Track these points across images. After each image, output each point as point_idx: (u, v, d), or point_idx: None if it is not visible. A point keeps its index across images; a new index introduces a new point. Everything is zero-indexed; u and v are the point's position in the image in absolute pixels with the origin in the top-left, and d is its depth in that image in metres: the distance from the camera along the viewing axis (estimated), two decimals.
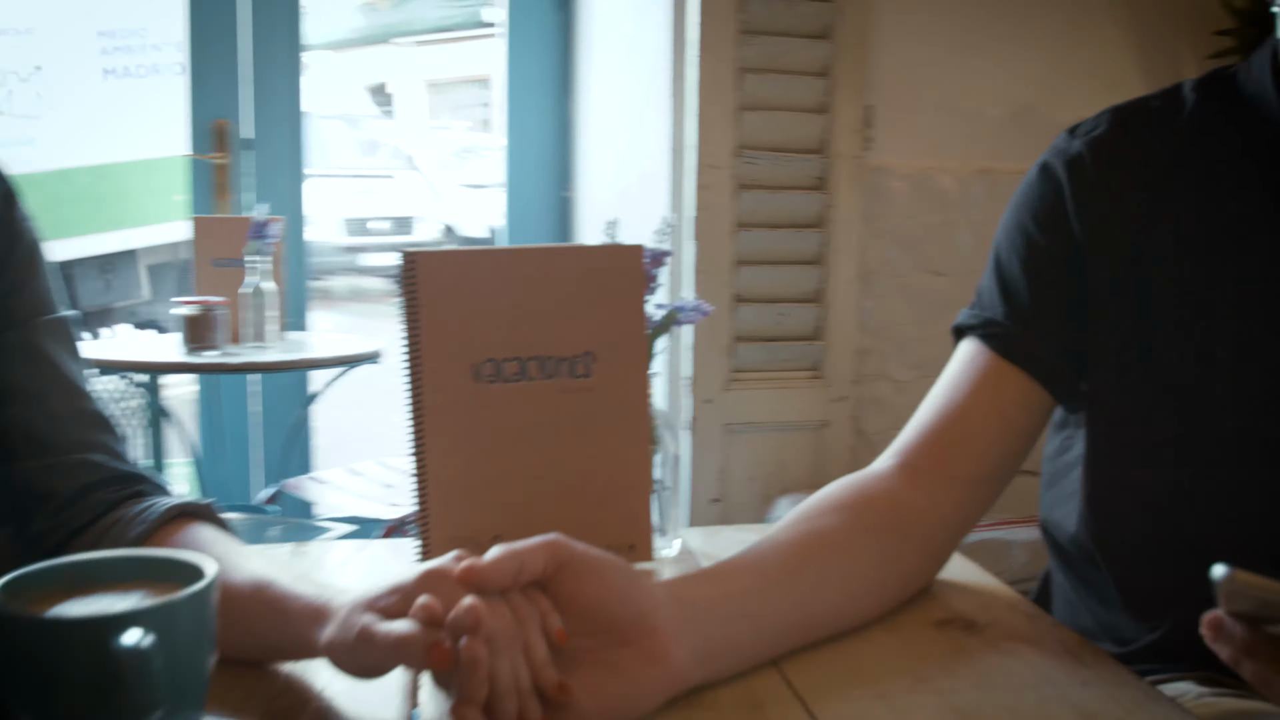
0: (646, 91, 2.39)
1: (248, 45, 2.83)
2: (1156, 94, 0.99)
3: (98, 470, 0.85)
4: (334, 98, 11.53)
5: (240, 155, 2.88)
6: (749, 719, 0.69)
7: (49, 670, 0.49)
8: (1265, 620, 0.60)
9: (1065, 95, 2.51)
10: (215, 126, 2.85)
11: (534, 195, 3.02)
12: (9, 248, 0.88)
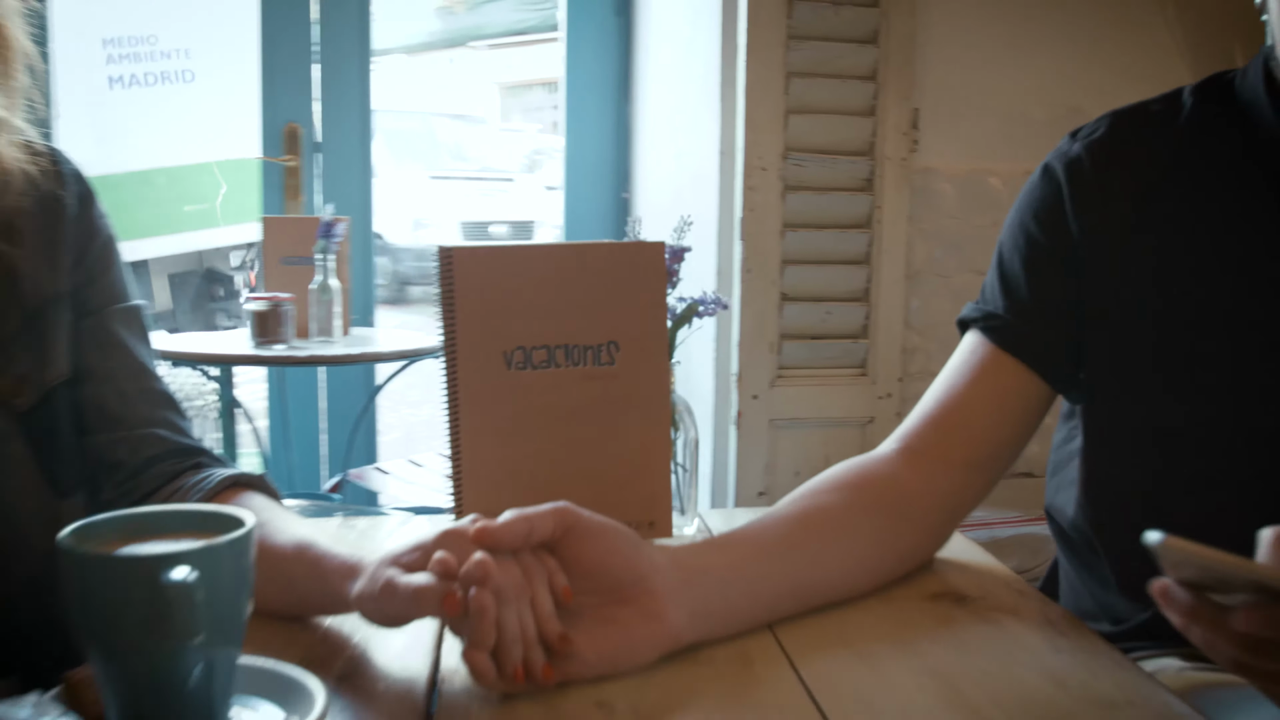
0: (698, 95, 2.46)
1: (317, 51, 2.95)
2: (1158, 98, 1.04)
3: (162, 444, 0.94)
4: (459, 99, 11.61)
5: (310, 158, 3.00)
6: (739, 673, 0.75)
7: (110, 600, 0.57)
8: (1206, 587, 0.65)
9: (1114, 96, 2.50)
10: (286, 130, 2.96)
11: (593, 196, 3.09)
12: (87, 243, 0.97)
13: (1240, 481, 0.91)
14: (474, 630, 0.68)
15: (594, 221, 3.10)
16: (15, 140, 0.93)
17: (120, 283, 1.00)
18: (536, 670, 0.70)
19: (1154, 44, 2.54)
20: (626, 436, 1.02)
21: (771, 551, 0.85)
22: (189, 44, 3.24)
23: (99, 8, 3.26)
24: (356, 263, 2.85)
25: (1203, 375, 0.92)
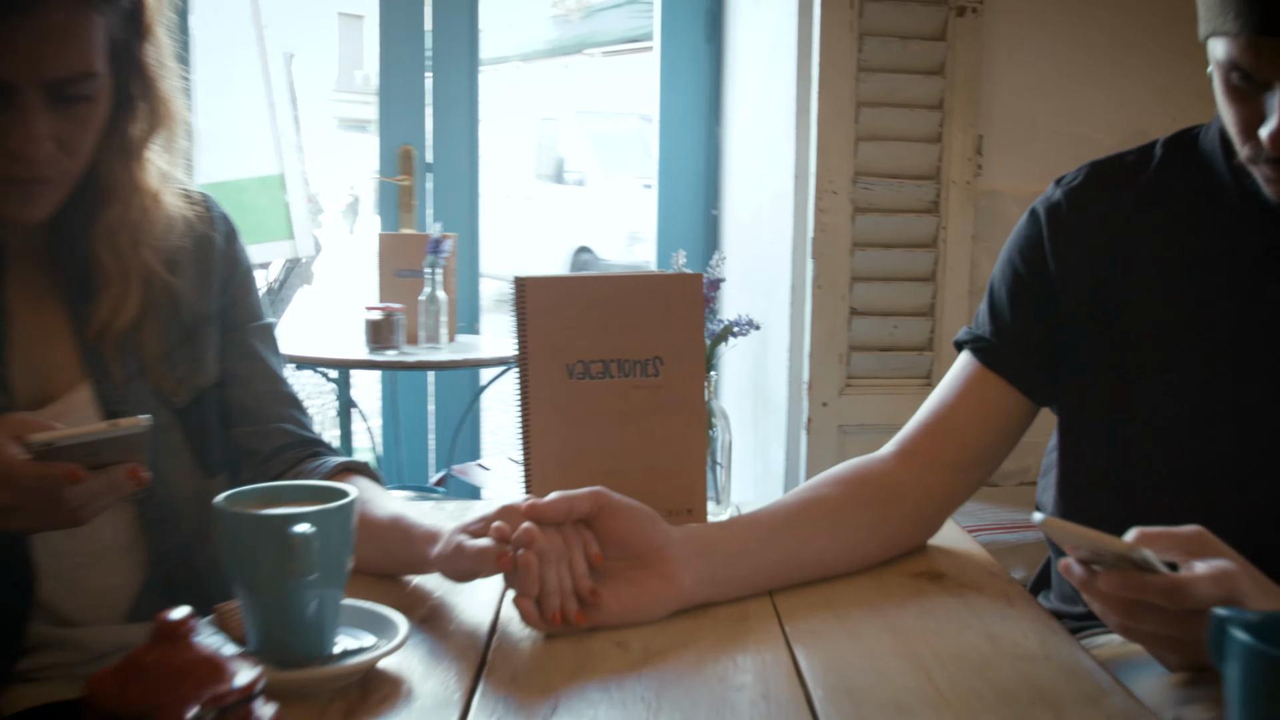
0: (776, 122, 2.63)
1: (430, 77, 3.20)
2: (1134, 149, 1.20)
3: (288, 436, 1.17)
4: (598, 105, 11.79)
5: (423, 177, 3.25)
6: (734, 626, 0.94)
7: (250, 548, 0.79)
8: (1092, 562, 0.81)
9: (1179, 120, 2.60)
10: (401, 151, 3.22)
11: (684, 212, 3.28)
12: (231, 272, 1.20)
13: (1189, 476, 1.06)
14: (521, 582, 0.88)
15: (684, 236, 3.29)
16: (178, 191, 1.16)
17: (256, 304, 1.23)
18: (570, 616, 0.90)
19: None
20: (668, 437, 1.20)
21: (773, 532, 1.03)
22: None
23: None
24: (463, 275, 3.10)
25: (1156, 387, 1.08)
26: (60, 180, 1.03)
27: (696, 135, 3.26)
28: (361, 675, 0.82)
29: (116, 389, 1.10)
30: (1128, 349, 1.10)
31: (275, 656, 0.80)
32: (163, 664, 0.56)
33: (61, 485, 0.85)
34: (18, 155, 0.97)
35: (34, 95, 0.96)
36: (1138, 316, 1.10)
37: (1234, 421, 1.06)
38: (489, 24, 3.21)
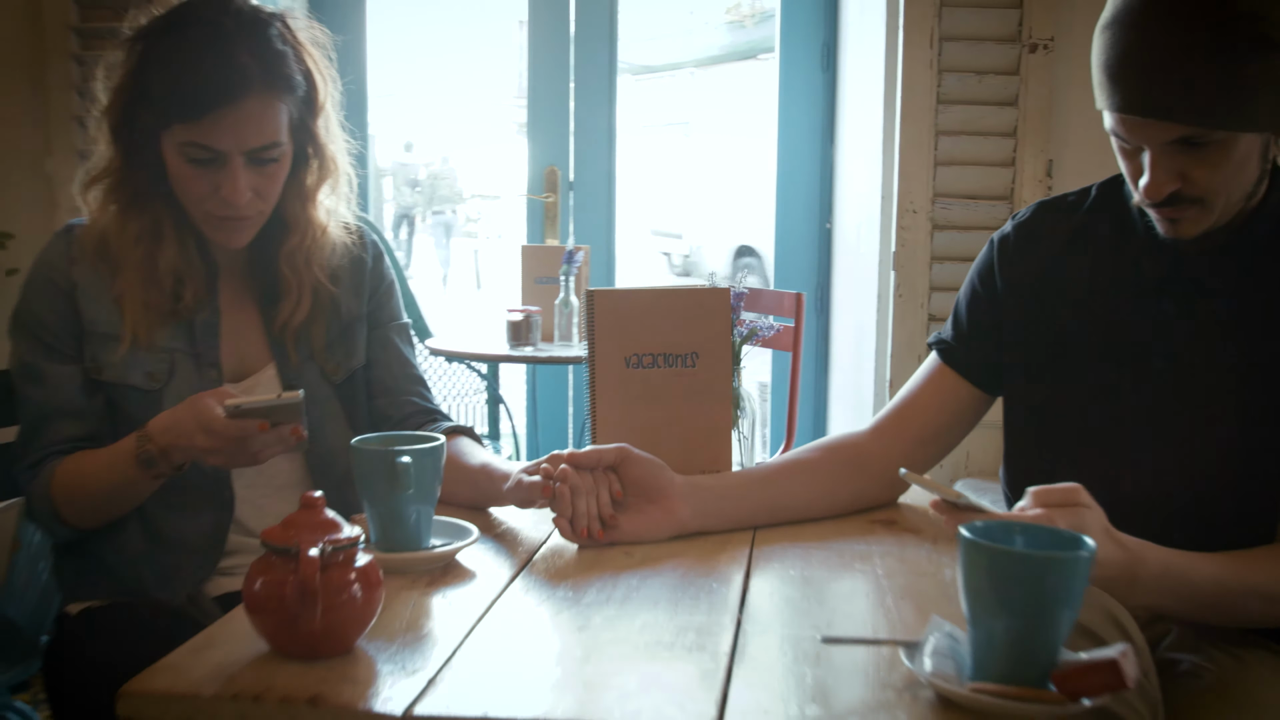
0: (868, 147, 2.94)
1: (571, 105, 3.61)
2: (1077, 190, 1.48)
3: (415, 406, 1.57)
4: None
5: (566, 194, 3.66)
6: (715, 544, 1.28)
7: (370, 471, 1.18)
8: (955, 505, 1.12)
9: None
10: (546, 172, 3.64)
11: (800, 226, 3.60)
12: (376, 285, 1.61)
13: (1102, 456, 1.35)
14: (558, 506, 1.25)
15: (801, 247, 3.60)
16: (340, 224, 1.57)
17: (396, 308, 1.63)
18: (594, 533, 1.26)
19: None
20: (702, 415, 1.55)
21: (756, 481, 1.38)
22: None
23: None
24: (596, 281, 3.49)
25: (1076, 386, 1.37)
26: (256, 218, 1.45)
27: (812, 154, 3.57)
28: (444, 562, 1.20)
29: (292, 369, 1.52)
30: (1056, 354, 1.39)
31: (387, 546, 1.19)
32: (304, 520, 0.95)
33: (247, 435, 1.26)
34: (227, 201, 1.39)
35: (237, 159, 1.38)
36: (1064, 328, 1.39)
37: (1137, 413, 1.34)
38: (662, 30, 3.57)
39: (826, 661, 0.96)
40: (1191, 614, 1.22)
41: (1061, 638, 0.87)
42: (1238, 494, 1.29)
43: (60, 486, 1.40)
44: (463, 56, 15.77)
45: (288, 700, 0.87)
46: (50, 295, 1.44)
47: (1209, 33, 1.18)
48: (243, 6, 1.40)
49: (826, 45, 3.49)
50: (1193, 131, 1.20)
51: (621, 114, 3.66)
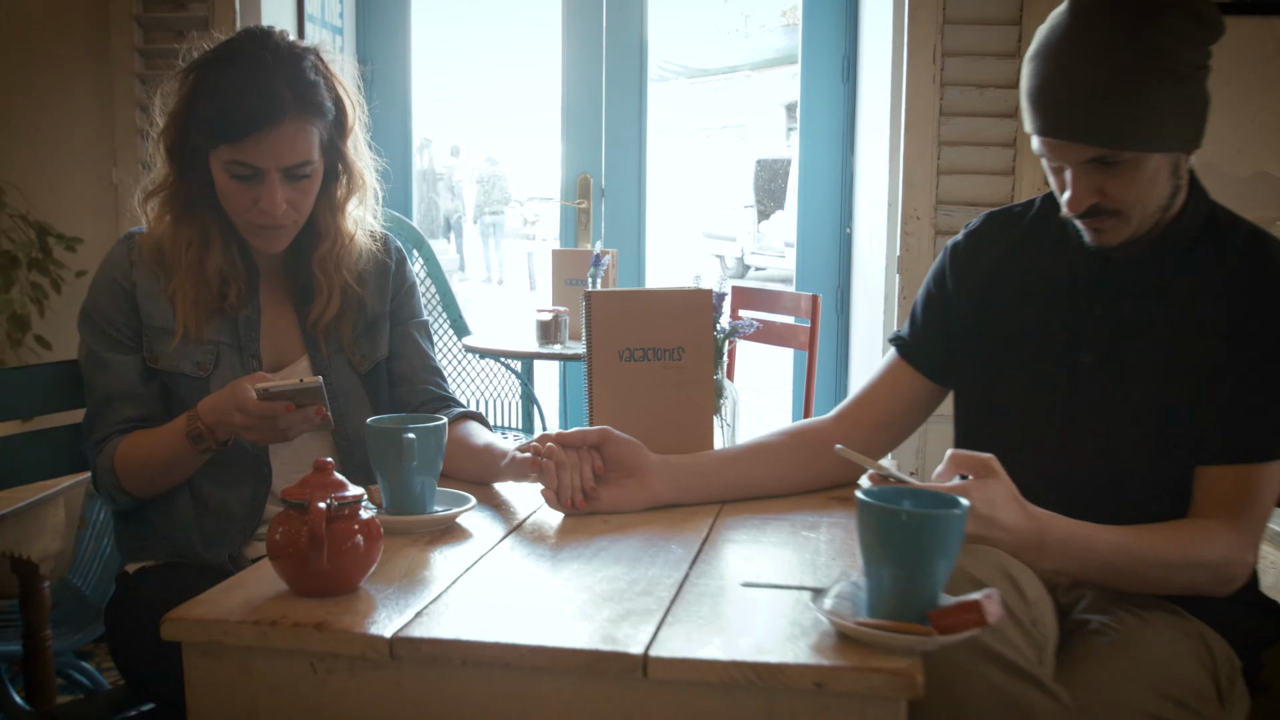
0: (879, 157, 3.10)
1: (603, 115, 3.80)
2: (1023, 202, 1.64)
3: (430, 394, 1.76)
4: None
5: (600, 202, 3.85)
6: (683, 515, 1.46)
7: (381, 446, 1.37)
8: (888, 478, 1.29)
9: (1245, 153, 2.94)
10: (580, 179, 3.83)
11: (821, 230, 3.76)
12: (399, 286, 1.80)
13: (1033, 439, 1.51)
14: (545, 479, 1.44)
15: (822, 249, 3.76)
16: (366, 232, 1.77)
17: (417, 306, 1.83)
18: (577, 503, 1.44)
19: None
20: (687, 403, 1.72)
21: (726, 461, 1.55)
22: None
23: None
24: (624, 283, 3.67)
25: (1012, 378, 1.53)
26: (291, 227, 1.65)
27: (833, 162, 3.73)
28: (445, 525, 1.39)
29: (323, 360, 1.72)
30: (998, 351, 1.55)
31: (395, 511, 1.38)
32: (316, 481, 1.14)
33: (275, 414, 1.46)
34: (265, 212, 1.59)
35: (275, 175, 1.58)
36: (1004, 327, 1.55)
37: (1066, 404, 1.50)
38: (715, 33, 3.74)
39: (752, 605, 1.13)
40: (1096, 578, 1.38)
41: (938, 583, 1.04)
42: (1153, 477, 1.45)
43: (122, 460, 1.61)
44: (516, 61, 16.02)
45: (299, 625, 1.06)
46: (114, 294, 1.65)
47: (1119, 66, 1.34)
48: (280, 42, 1.60)
49: (847, 58, 3.65)
50: (1105, 152, 1.36)
51: (676, 117, 3.85)
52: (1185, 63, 1.36)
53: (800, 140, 3.76)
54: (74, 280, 2.97)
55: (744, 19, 17.01)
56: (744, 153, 14.27)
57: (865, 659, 0.99)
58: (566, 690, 1.03)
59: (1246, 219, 1.52)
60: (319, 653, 1.06)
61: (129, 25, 3.03)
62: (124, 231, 3.00)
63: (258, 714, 1.09)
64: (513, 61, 12.93)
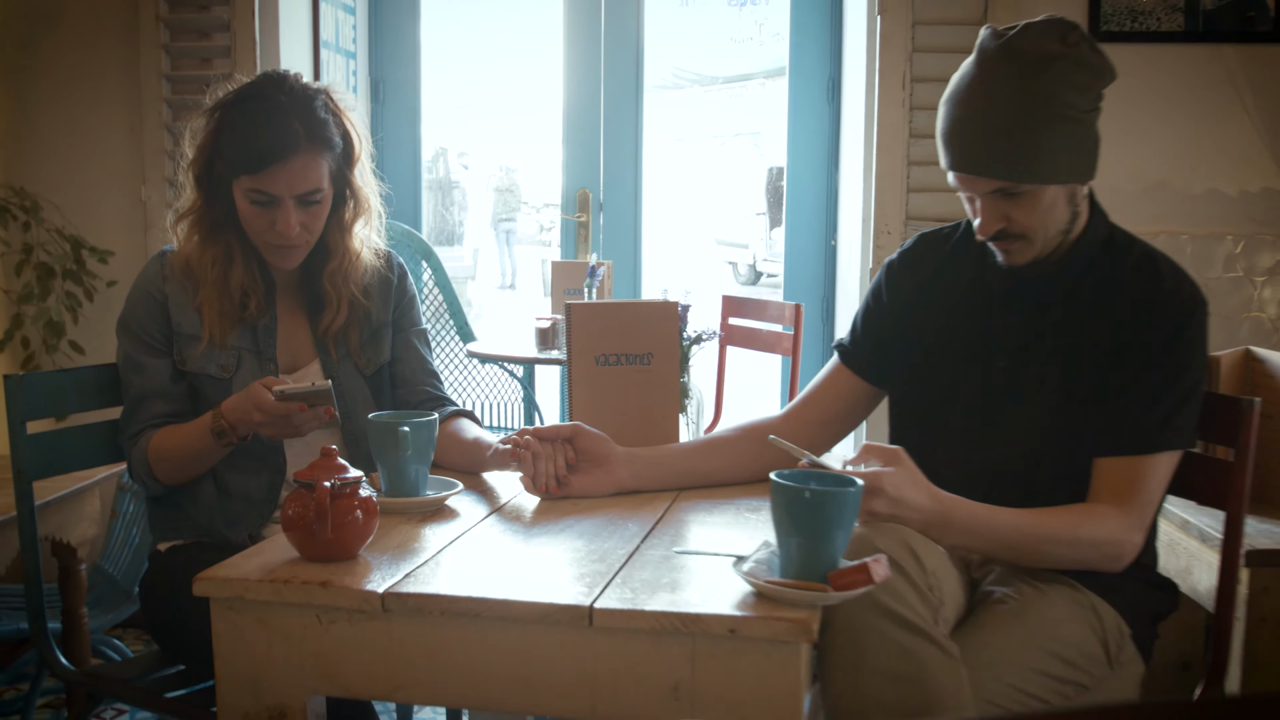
0: (856, 174, 3.30)
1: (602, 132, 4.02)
2: (952, 224, 1.85)
3: (427, 394, 1.98)
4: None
5: (598, 216, 4.06)
6: (645, 501, 1.67)
7: (380, 438, 1.59)
8: (814, 464, 1.50)
9: (1197, 171, 3.13)
10: (579, 195, 4.05)
11: (808, 243, 3.97)
12: (400, 298, 2.02)
13: (953, 437, 1.72)
14: (523, 468, 1.65)
15: (809, 261, 3.96)
16: (371, 250, 1.99)
17: (416, 316, 2.04)
18: (551, 488, 1.66)
19: (1234, 126, 3.11)
20: (655, 403, 1.93)
21: (684, 454, 1.76)
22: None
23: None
24: (620, 293, 3.89)
25: (934, 382, 1.74)
26: (304, 246, 1.87)
27: (819, 177, 3.93)
28: (435, 506, 1.61)
29: (333, 364, 1.94)
30: (926, 357, 1.76)
31: (392, 494, 1.60)
32: (323, 465, 1.36)
33: (290, 414, 1.68)
34: (281, 234, 1.81)
35: (289, 202, 1.80)
36: (931, 335, 1.76)
37: (984, 404, 1.70)
38: (728, 41, 3.94)
39: (686, 570, 1.34)
40: (997, 553, 1.59)
41: (837, 550, 1.25)
42: (1057, 468, 1.65)
43: (154, 451, 1.83)
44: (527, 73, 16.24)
45: (307, 583, 1.28)
46: (148, 305, 1.87)
47: (1016, 110, 1.55)
48: (295, 85, 1.82)
49: (832, 79, 3.86)
50: (1006, 184, 1.57)
51: (690, 124, 4.05)
52: (1076, 107, 1.56)
53: (788, 156, 3.97)
54: (105, 290, 3.20)
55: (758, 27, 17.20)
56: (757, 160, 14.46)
57: (772, 610, 1.20)
58: (527, 636, 1.24)
59: (1141, 240, 1.72)
60: (323, 606, 1.28)
61: (157, 54, 3.26)
62: (152, 244, 3.25)
63: (272, 658, 1.30)
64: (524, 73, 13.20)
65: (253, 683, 1.31)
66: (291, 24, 3.38)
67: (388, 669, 1.28)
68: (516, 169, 14.11)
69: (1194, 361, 1.62)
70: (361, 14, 3.92)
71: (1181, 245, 3.10)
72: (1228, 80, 3.10)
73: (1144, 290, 1.64)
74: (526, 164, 14.34)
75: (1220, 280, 3.10)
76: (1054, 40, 1.56)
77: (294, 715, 1.30)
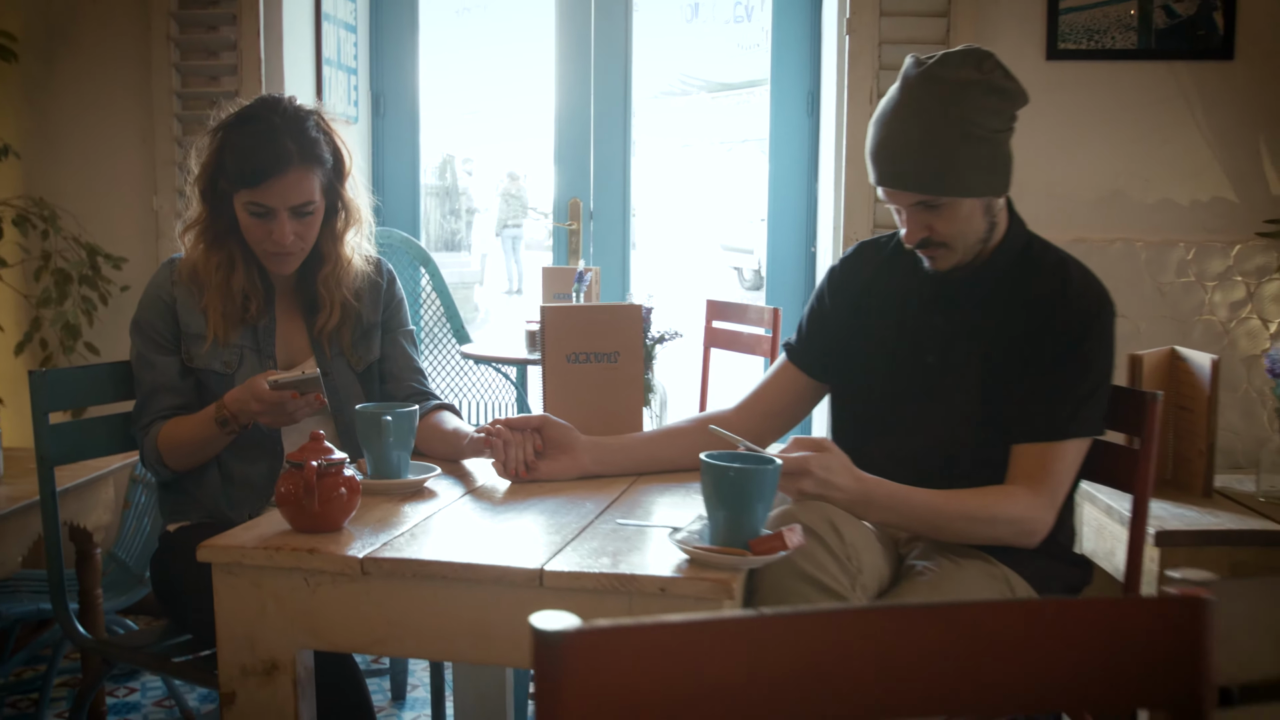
0: (830, 183, 3.48)
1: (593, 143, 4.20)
2: (889, 233, 2.02)
3: (412, 389, 2.16)
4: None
5: (589, 224, 4.25)
6: (606, 485, 1.85)
7: (366, 426, 1.77)
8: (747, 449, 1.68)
9: (1151, 182, 3.30)
10: (570, 203, 4.23)
11: (790, 248, 4.14)
12: (389, 301, 2.20)
13: (883, 426, 1.89)
14: (494, 454, 1.84)
15: (790, 266, 4.14)
16: (362, 256, 2.17)
17: (404, 318, 2.23)
18: (520, 472, 1.84)
19: (1186, 139, 3.29)
20: (622, 397, 2.11)
21: (643, 442, 1.94)
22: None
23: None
24: (608, 297, 4.07)
25: (869, 375, 1.92)
26: (299, 254, 2.06)
27: (799, 188, 4.11)
28: (415, 488, 1.79)
29: (327, 361, 2.12)
30: (862, 354, 1.94)
31: (377, 476, 1.78)
32: (311, 447, 1.54)
33: (283, 401, 1.86)
34: (277, 242, 2.00)
35: (284, 213, 1.98)
36: (868, 335, 1.94)
37: (913, 396, 1.88)
38: (736, 48, 4.11)
39: (628, 539, 1.52)
40: (917, 529, 1.76)
41: (758, 520, 1.43)
42: (979, 454, 1.83)
43: (164, 440, 2.01)
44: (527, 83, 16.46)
45: (296, 550, 1.47)
46: (159, 307, 2.06)
47: (934, 131, 1.72)
48: (288, 107, 2.01)
49: (811, 94, 4.04)
50: (925, 198, 1.75)
51: (697, 131, 4.23)
52: (988, 128, 1.74)
53: (770, 165, 4.14)
54: (119, 294, 3.39)
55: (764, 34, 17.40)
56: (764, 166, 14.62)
57: (698, 572, 1.38)
58: (487, 596, 1.42)
59: (1056, 248, 1.89)
60: (311, 570, 1.46)
61: (168, 72, 3.46)
62: (163, 251, 3.44)
63: (265, 616, 1.49)
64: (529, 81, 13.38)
65: (249, 639, 1.49)
66: (295, 43, 3.57)
67: (366, 625, 1.46)
68: (522, 175, 14.30)
69: (1099, 358, 1.80)
70: (363, 32, 4.12)
71: (1136, 252, 3.28)
72: (1179, 95, 3.28)
73: (1054, 293, 1.81)
74: (533, 170, 14.51)
75: (1173, 285, 3.27)
76: (969, 68, 1.74)
77: (285, 667, 1.49)
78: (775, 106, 4.11)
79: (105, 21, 3.52)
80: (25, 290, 3.46)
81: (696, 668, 0.70)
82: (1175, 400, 2.32)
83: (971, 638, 0.74)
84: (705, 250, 14.31)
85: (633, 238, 4.32)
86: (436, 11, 5.13)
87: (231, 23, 3.44)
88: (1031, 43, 3.30)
